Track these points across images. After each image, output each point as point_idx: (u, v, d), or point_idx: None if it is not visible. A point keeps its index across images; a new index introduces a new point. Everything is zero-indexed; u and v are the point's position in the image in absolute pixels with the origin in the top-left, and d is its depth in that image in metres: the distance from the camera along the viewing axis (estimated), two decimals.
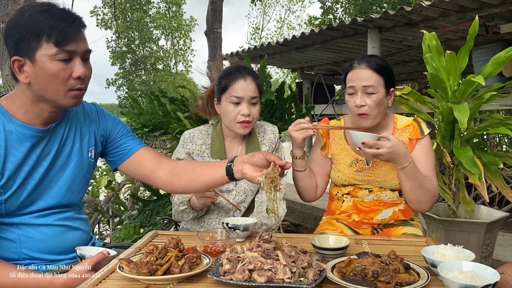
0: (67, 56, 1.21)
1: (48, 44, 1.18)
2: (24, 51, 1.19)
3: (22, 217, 1.31)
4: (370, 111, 1.68)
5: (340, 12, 12.84)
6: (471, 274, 1.03)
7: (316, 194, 1.86)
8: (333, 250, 1.31)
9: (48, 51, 1.18)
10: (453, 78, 2.23)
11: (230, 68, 1.78)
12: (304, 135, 1.64)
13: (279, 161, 1.31)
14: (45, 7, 1.21)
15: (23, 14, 1.19)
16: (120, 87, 27.95)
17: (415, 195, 1.68)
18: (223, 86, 1.73)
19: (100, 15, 26.34)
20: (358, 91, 1.69)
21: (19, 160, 1.27)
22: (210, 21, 4.98)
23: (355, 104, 1.69)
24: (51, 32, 1.17)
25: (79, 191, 1.45)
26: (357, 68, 1.71)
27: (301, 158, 1.76)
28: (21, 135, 1.28)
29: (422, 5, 3.71)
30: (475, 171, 2.09)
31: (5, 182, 1.26)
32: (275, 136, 1.86)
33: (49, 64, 1.20)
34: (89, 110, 1.51)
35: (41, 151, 1.32)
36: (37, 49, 1.18)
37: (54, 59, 1.19)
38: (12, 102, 1.30)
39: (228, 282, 1.07)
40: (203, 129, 1.85)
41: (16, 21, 1.19)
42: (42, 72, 1.20)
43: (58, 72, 1.21)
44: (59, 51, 1.19)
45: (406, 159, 1.59)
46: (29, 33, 1.17)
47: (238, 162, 1.39)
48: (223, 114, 1.75)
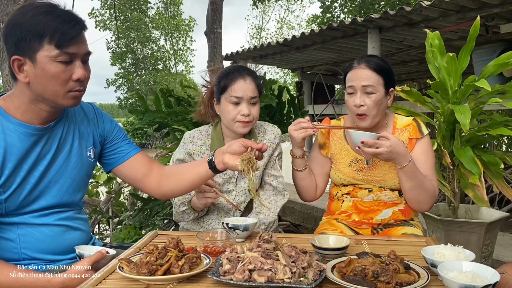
0: (68, 59, 1.22)
1: (50, 45, 1.18)
2: (25, 51, 1.19)
3: (22, 216, 1.31)
4: (369, 111, 1.68)
5: (339, 11, 12.85)
6: (471, 274, 1.03)
7: (316, 194, 1.86)
8: (333, 250, 1.31)
9: (49, 53, 1.19)
10: (453, 79, 2.23)
11: (229, 68, 1.77)
12: (304, 135, 1.65)
13: (255, 145, 1.35)
14: (48, 8, 1.21)
15: (26, 14, 1.19)
16: (119, 87, 27.94)
17: (414, 194, 1.68)
18: (222, 87, 1.72)
19: (99, 17, 26.35)
20: (357, 91, 1.69)
21: (18, 159, 1.27)
22: (210, 21, 4.98)
23: (354, 104, 1.69)
24: (53, 34, 1.18)
25: (79, 190, 1.45)
26: (356, 68, 1.71)
27: (300, 158, 1.76)
28: (19, 134, 1.28)
29: (422, 5, 3.71)
30: (475, 171, 2.09)
31: (5, 181, 1.26)
32: (275, 137, 1.85)
33: (49, 66, 1.20)
34: (86, 109, 1.51)
35: (40, 150, 1.32)
36: (38, 49, 1.18)
37: (55, 60, 1.20)
38: (10, 101, 1.30)
39: (228, 282, 1.07)
40: (203, 130, 1.85)
41: (18, 21, 1.19)
42: (42, 73, 1.20)
43: (58, 73, 1.21)
44: (60, 53, 1.20)
45: (406, 158, 1.59)
46: (31, 34, 1.17)
47: (219, 153, 1.42)
48: (223, 114, 1.75)
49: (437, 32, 2.30)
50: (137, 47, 27.49)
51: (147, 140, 23.06)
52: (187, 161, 1.78)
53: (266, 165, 1.83)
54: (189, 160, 1.79)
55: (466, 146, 2.19)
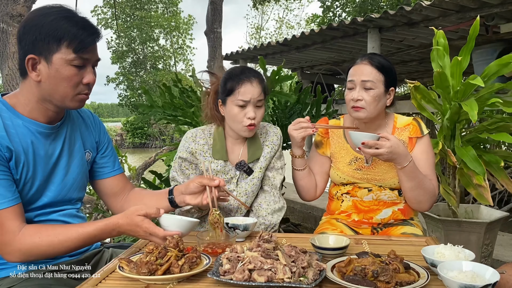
0: (82, 63, 1.27)
1: (68, 49, 1.23)
2: (41, 51, 1.23)
3: (26, 213, 1.31)
4: (366, 106, 1.68)
5: (340, 10, 12.84)
6: (471, 274, 1.03)
7: (316, 193, 1.86)
8: (333, 250, 1.31)
9: (66, 56, 1.24)
10: (455, 79, 2.23)
11: (235, 70, 1.75)
12: (304, 134, 1.65)
13: (212, 182, 1.44)
14: (68, 14, 1.26)
15: (47, 16, 1.24)
16: (119, 85, 27.92)
17: (414, 194, 1.68)
18: (229, 89, 1.70)
19: (101, 15, 26.35)
20: (356, 86, 1.70)
21: (29, 155, 1.29)
22: (210, 20, 4.98)
23: (352, 98, 1.69)
24: (73, 39, 1.23)
25: (80, 189, 1.48)
26: (358, 64, 1.73)
27: (300, 157, 1.76)
28: (28, 130, 1.30)
29: (422, 5, 3.72)
30: (479, 170, 2.08)
31: (20, 176, 1.27)
32: (277, 138, 1.84)
33: (64, 68, 1.25)
34: (84, 115, 1.54)
35: (48, 147, 1.35)
36: (55, 51, 1.23)
37: (70, 64, 1.25)
38: (16, 99, 1.32)
39: (228, 282, 1.07)
40: (206, 129, 1.84)
41: (38, 22, 1.23)
42: (56, 74, 1.25)
43: (71, 76, 1.26)
44: (76, 58, 1.25)
45: (406, 158, 1.59)
46: (50, 36, 1.22)
47: (178, 193, 1.53)
48: (228, 116, 1.73)
49: (441, 31, 2.30)
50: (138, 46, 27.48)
51: (147, 140, 23.05)
52: (190, 161, 1.77)
53: (267, 166, 1.83)
54: (192, 159, 1.77)
55: (467, 146, 2.19)
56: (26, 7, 3.09)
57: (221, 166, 1.76)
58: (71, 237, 1.25)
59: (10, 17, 3.05)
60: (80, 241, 1.27)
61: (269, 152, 1.81)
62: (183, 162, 1.77)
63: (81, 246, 1.30)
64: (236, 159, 1.79)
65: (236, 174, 1.79)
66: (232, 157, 1.79)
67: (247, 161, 1.78)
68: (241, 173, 1.78)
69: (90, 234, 1.27)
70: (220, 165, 1.76)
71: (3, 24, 3.05)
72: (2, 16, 3.04)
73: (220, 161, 1.76)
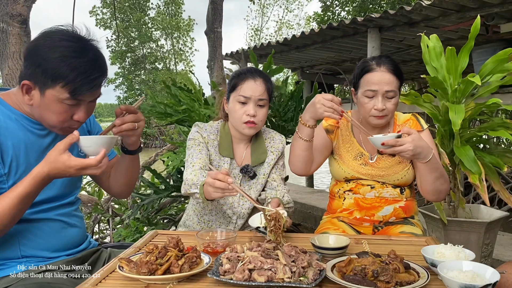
0: (75, 103, 1.25)
1: (62, 89, 1.21)
2: (37, 81, 1.21)
3: None
4: (388, 113, 1.71)
5: (339, 9, 12.85)
6: (471, 274, 1.03)
7: (311, 169, 1.82)
8: (333, 250, 1.31)
9: (59, 95, 1.22)
10: (453, 77, 2.22)
11: (243, 69, 1.79)
12: (329, 115, 1.57)
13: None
14: (75, 54, 1.21)
15: (53, 51, 1.20)
16: (119, 86, 27.94)
17: (437, 184, 1.65)
18: (232, 85, 1.73)
19: (100, 15, 26.35)
20: (379, 95, 1.68)
21: (20, 150, 1.29)
22: (210, 20, 4.97)
23: (376, 108, 1.68)
24: (68, 83, 1.20)
25: (75, 183, 1.49)
26: (378, 71, 1.69)
27: (311, 128, 1.67)
28: (20, 125, 1.30)
29: (422, 5, 3.72)
30: (475, 170, 2.08)
31: (9, 170, 1.27)
32: (283, 146, 1.87)
33: (55, 104, 1.23)
34: None
35: (42, 141, 1.35)
36: (50, 87, 1.21)
37: (62, 101, 1.23)
38: (9, 98, 1.32)
39: (228, 282, 1.07)
40: (213, 125, 1.84)
41: (43, 54, 1.20)
42: (46, 107, 1.24)
43: (61, 112, 1.25)
44: (69, 98, 1.23)
45: (429, 150, 1.57)
46: (49, 73, 1.19)
47: None
48: (230, 113, 1.75)
49: (435, 34, 2.29)
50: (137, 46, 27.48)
51: (147, 139, 23.06)
52: (200, 141, 1.75)
53: (269, 172, 1.83)
54: (202, 141, 1.76)
55: (465, 145, 2.19)
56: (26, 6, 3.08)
57: (228, 164, 1.77)
58: (7, 206, 1.18)
59: (10, 17, 3.04)
60: (17, 204, 1.18)
61: (274, 158, 1.83)
62: (194, 142, 1.76)
63: (23, 209, 1.22)
64: (240, 159, 1.80)
65: (239, 175, 1.79)
66: (236, 157, 1.80)
67: (251, 164, 1.78)
68: (244, 176, 1.79)
69: (22, 194, 1.18)
70: (227, 163, 1.77)
71: (3, 24, 3.05)
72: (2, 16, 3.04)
73: (227, 159, 1.77)
